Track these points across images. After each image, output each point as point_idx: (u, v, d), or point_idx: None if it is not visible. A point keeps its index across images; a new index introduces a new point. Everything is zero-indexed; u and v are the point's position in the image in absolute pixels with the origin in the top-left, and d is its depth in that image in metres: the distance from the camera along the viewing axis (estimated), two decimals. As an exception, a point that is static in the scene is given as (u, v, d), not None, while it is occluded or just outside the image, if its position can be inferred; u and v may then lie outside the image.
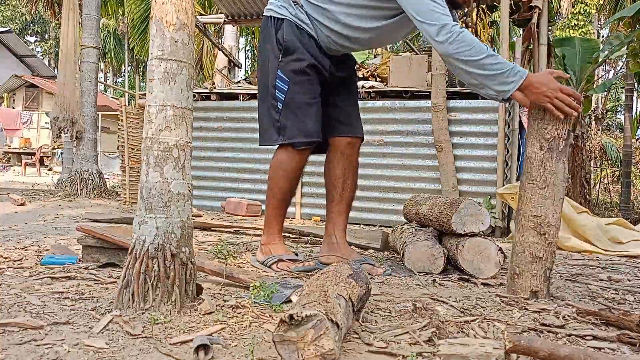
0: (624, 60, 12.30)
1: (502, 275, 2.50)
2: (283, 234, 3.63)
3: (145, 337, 1.44)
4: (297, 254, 2.54)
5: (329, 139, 2.63)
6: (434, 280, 2.40)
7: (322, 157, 5.74)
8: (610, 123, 22.69)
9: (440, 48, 2.05)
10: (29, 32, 32.54)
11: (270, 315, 1.68)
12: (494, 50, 12.35)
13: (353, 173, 2.67)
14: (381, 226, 4.82)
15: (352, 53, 2.70)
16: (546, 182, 1.98)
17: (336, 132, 2.62)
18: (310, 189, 5.49)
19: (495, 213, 4.70)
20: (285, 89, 2.41)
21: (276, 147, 2.51)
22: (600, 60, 7.88)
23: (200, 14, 12.02)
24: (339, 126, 2.62)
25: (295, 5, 2.44)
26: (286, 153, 2.46)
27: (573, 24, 18.66)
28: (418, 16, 2.10)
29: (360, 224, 5.05)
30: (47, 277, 2.05)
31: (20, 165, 14.64)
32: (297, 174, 2.53)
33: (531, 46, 5.68)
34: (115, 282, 1.98)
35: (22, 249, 2.69)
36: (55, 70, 21.02)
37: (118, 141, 6.22)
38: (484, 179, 4.88)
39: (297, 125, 2.41)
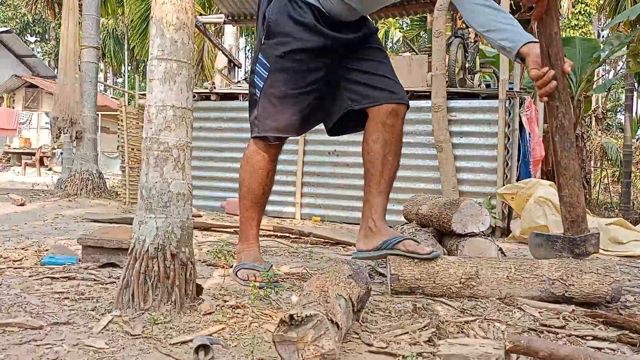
0: (624, 60, 12.30)
1: (502, 275, 2.50)
2: (283, 234, 3.65)
3: (145, 337, 1.44)
4: (267, 262, 2.24)
5: (367, 109, 2.21)
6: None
7: (322, 157, 5.70)
8: (610, 123, 22.68)
9: None
10: (30, 32, 32.54)
11: (270, 315, 1.68)
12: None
13: (396, 147, 2.22)
14: (381, 226, 4.81)
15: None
16: None
17: (373, 100, 2.19)
18: (310, 189, 5.49)
19: (495, 213, 4.70)
20: (265, 76, 2.12)
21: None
22: (600, 60, 7.88)
23: (200, 14, 12.02)
24: (375, 93, 2.19)
25: None
26: (254, 147, 2.20)
27: (573, 24, 18.65)
28: None
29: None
30: (47, 277, 2.05)
31: (20, 165, 14.64)
32: (266, 170, 2.21)
33: (531, 46, 5.67)
34: (115, 282, 1.98)
35: (22, 249, 2.69)
36: (55, 70, 21.00)
37: (118, 141, 6.22)
38: (484, 179, 4.88)
39: (271, 118, 2.13)
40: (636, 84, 10.85)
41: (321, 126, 2.44)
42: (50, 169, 15.04)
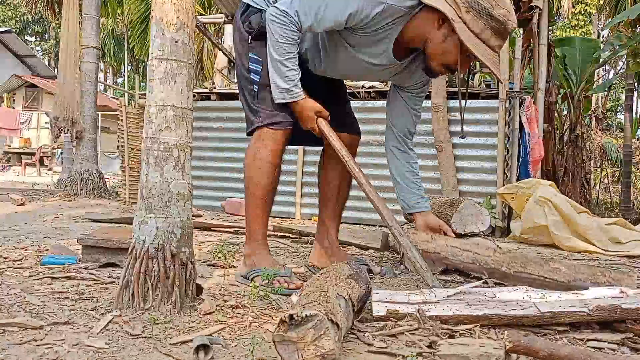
0: (624, 60, 12.30)
1: (502, 275, 2.50)
2: (283, 234, 3.65)
3: (145, 337, 1.44)
4: (284, 266, 2.23)
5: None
6: (434, 280, 2.39)
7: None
8: (610, 123, 22.68)
9: (271, 9, 2.11)
10: (29, 31, 32.53)
11: (270, 315, 1.68)
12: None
13: (350, 175, 2.45)
14: (381, 226, 4.82)
15: None
16: None
17: (349, 128, 2.56)
18: (310, 189, 5.48)
19: (495, 213, 4.70)
20: (259, 69, 2.24)
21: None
22: (601, 60, 7.87)
23: (200, 14, 12.01)
24: (334, 125, 2.37)
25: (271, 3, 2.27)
26: (259, 139, 2.22)
27: (573, 24, 18.68)
28: None
29: (360, 224, 5.05)
30: (47, 277, 2.05)
31: (20, 165, 14.64)
32: (275, 163, 2.23)
33: (531, 46, 5.68)
34: (115, 282, 1.98)
35: (22, 249, 2.69)
36: (55, 70, 20.99)
37: (118, 141, 6.22)
38: (484, 179, 4.88)
39: (274, 105, 2.20)
40: (636, 84, 10.84)
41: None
42: (50, 169, 15.05)
